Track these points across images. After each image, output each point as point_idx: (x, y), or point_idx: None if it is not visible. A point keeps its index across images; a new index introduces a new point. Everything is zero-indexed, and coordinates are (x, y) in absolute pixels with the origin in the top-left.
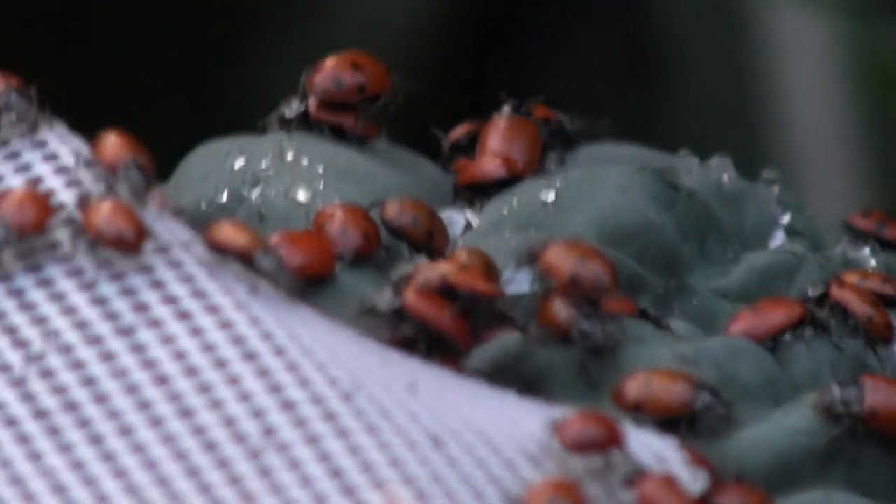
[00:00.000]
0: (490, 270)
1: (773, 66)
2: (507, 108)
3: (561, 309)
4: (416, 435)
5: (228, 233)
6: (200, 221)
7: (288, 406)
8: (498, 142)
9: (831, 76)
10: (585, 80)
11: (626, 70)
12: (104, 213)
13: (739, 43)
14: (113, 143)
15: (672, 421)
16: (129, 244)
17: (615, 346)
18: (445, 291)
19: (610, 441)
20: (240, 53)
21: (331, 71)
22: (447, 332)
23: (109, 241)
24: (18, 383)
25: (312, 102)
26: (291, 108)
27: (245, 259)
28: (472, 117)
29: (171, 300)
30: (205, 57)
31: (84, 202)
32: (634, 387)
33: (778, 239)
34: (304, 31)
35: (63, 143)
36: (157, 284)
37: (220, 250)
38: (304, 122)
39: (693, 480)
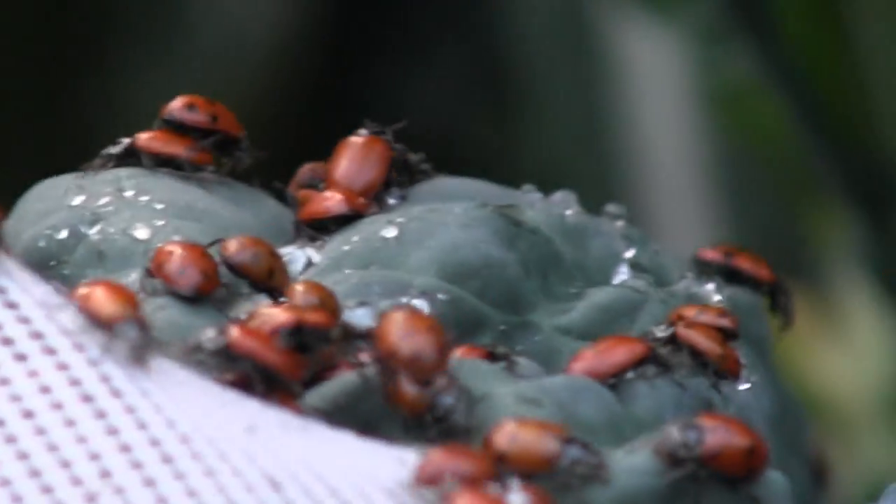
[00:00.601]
0: (330, 303)
1: (628, 94)
2: (360, 133)
3: (410, 389)
4: (254, 477)
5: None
6: (38, 260)
7: (125, 448)
8: (347, 165)
9: (682, 101)
10: (438, 105)
11: (479, 93)
12: None
13: (590, 67)
14: None
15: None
16: None
17: (473, 424)
18: (287, 332)
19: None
20: (94, 69)
21: (185, 100)
22: (275, 367)
23: None
24: None
25: (143, 136)
26: (117, 145)
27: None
28: (318, 137)
29: (6, 341)
30: (55, 72)
31: None
32: (501, 439)
33: (622, 274)
34: (159, 51)
35: None
36: None
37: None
38: (131, 155)
39: None
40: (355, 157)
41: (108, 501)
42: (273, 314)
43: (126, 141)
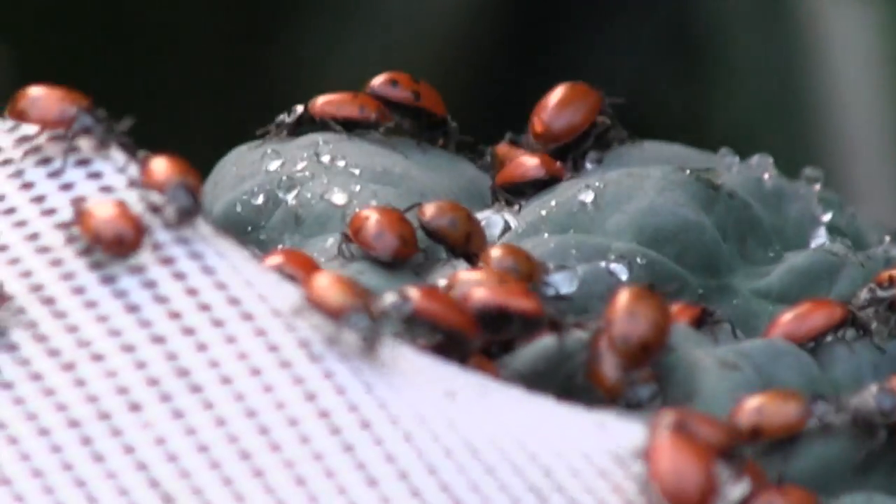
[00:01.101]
0: (527, 267)
1: (821, 59)
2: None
3: (610, 370)
4: (454, 443)
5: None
6: (235, 225)
7: (323, 415)
8: (556, 103)
9: (877, 66)
10: (628, 71)
11: (672, 62)
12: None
13: (786, 35)
14: (161, 165)
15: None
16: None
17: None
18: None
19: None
20: (284, 37)
21: (388, 76)
22: (457, 329)
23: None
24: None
25: (317, 101)
26: (291, 114)
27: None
28: (506, 105)
29: (204, 307)
30: (245, 40)
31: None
32: (748, 414)
33: (820, 238)
34: (348, 18)
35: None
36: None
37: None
38: (306, 122)
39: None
40: (566, 98)
41: (307, 467)
42: (473, 289)
43: (300, 108)
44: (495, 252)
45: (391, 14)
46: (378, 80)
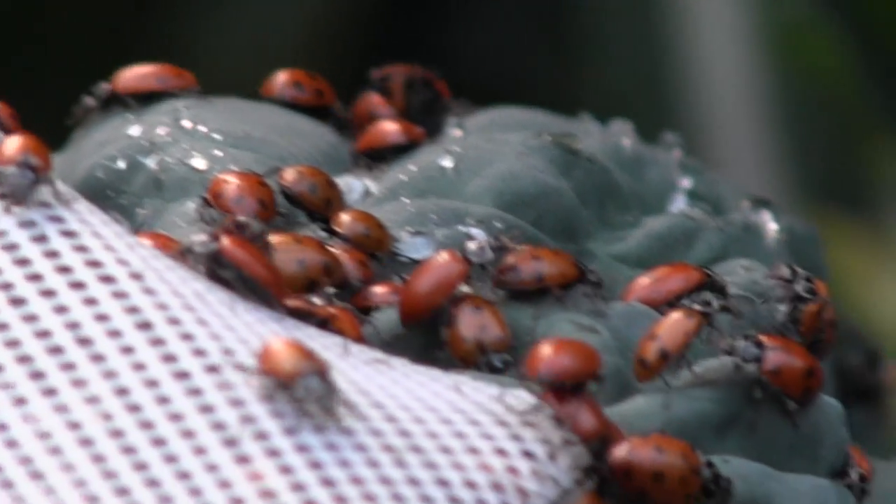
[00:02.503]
0: (377, 233)
1: (684, 27)
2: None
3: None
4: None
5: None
6: (96, 190)
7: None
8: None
9: (741, 36)
10: (500, 42)
11: (541, 31)
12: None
13: (654, 8)
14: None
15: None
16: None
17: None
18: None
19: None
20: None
21: (289, 77)
22: (261, 280)
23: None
24: None
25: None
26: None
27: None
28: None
29: (64, 270)
30: (122, 14)
31: None
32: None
33: (678, 203)
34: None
35: None
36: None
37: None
38: (115, 100)
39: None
40: None
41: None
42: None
43: (107, 86)
44: (345, 217)
45: None
46: (281, 82)
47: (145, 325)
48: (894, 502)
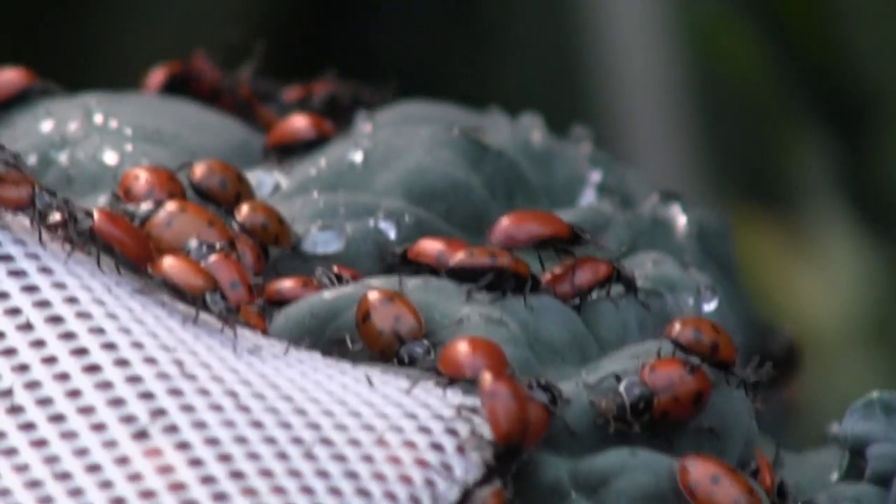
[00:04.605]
0: (274, 224)
1: (597, 20)
2: None
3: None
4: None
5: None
6: None
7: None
8: None
9: (654, 29)
10: (410, 29)
11: (453, 27)
12: None
13: (566, 2)
14: None
15: None
16: None
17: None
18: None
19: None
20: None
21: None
22: (130, 254)
23: None
24: None
25: None
26: None
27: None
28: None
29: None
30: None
31: None
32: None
33: (588, 197)
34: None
35: None
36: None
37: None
38: None
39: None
40: None
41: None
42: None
43: None
44: (245, 207)
45: None
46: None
47: (56, 320)
48: (806, 494)
